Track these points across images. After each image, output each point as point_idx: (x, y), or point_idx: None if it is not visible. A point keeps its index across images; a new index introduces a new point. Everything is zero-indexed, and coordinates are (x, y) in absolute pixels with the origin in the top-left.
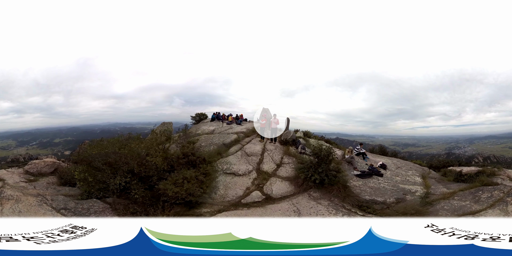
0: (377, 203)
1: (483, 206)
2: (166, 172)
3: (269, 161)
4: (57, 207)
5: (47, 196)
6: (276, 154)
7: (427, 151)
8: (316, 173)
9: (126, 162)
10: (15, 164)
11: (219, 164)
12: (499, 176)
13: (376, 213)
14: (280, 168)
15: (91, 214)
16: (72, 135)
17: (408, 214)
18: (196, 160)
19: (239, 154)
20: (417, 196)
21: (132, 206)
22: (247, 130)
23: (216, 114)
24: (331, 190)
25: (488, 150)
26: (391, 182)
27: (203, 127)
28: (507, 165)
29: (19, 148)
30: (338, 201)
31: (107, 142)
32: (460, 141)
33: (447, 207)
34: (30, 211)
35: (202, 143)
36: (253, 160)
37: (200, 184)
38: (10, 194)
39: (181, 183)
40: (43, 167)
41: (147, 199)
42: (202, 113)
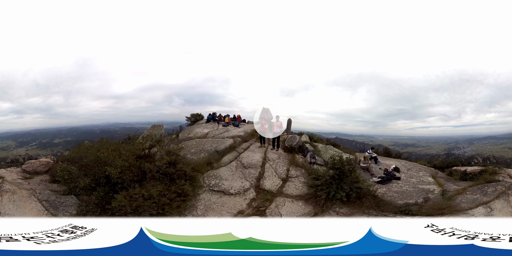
0: (411, 205)
1: (491, 198)
2: (134, 182)
3: (272, 175)
4: (41, 199)
5: (37, 190)
6: (280, 165)
7: (426, 151)
8: (340, 190)
9: (92, 166)
10: (14, 164)
11: (206, 178)
12: (500, 174)
13: (420, 213)
14: (288, 183)
15: (62, 207)
16: (72, 136)
17: (442, 210)
18: (174, 174)
19: (233, 166)
20: (436, 194)
21: (90, 206)
22: (245, 133)
23: (212, 115)
24: (361, 203)
25: (487, 151)
26: (410, 184)
27: (196, 129)
28: (507, 166)
29: (19, 148)
30: (376, 212)
31: (84, 147)
32: (460, 141)
33: (464, 200)
34: (21, 201)
35: (191, 149)
36: (251, 174)
37: (169, 202)
38: (8, 188)
39: (136, 198)
40: (38, 166)
41: (104, 202)
42: (198, 114)
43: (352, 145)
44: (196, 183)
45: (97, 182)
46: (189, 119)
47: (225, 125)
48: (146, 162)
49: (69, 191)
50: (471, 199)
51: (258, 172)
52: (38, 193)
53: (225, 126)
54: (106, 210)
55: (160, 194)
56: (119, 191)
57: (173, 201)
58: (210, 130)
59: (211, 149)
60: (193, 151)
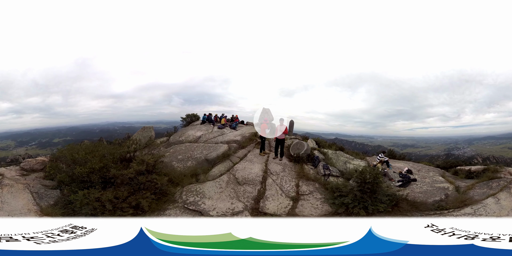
0: (438, 202)
1: (496, 191)
2: (106, 184)
3: (277, 194)
4: (32, 191)
5: (30, 184)
6: (286, 179)
7: (426, 152)
8: (378, 202)
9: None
10: (14, 164)
11: (185, 192)
12: (501, 172)
13: (450, 207)
14: (301, 203)
15: (45, 198)
16: (71, 135)
17: (465, 202)
18: (142, 184)
19: (223, 181)
20: (451, 190)
21: (63, 199)
22: (242, 138)
23: (207, 115)
24: (398, 208)
25: (487, 151)
26: (427, 184)
27: (189, 131)
28: (507, 165)
29: (18, 148)
30: (420, 213)
31: (67, 148)
32: (459, 142)
33: (476, 194)
34: (17, 192)
35: (179, 155)
36: (246, 193)
37: (121, 212)
38: (7, 182)
39: (90, 198)
40: (34, 164)
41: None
42: (194, 114)
43: (352, 146)
44: (168, 197)
45: (71, 179)
46: (184, 120)
47: (221, 127)
48: (121, 167)
49: (57, 186)
50: (481, 193)
51: (256, 190)
52: (31, 186)
53: (220, 128)
54: (71, 204)
55: (112, 202)
56: (89, 189)
57: (124, 211)
58: (204, 133)
59: (200, 156)
60: (180, 157)
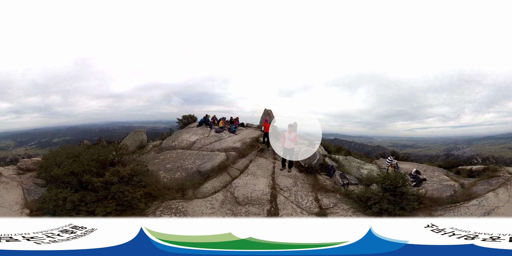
0: (450, 197)
1: (495, 187)
2: (79, 186)
3: (296, 213)
4: (24, 188)
5: (24, 182)
6: (301, 194)
7: (425, 152)
8: (408, 201)
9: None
10: (13, 163)
11: (161, 209)
12: (500, 171)
13: (460, 200)
14: (332, 217)
15: (32, 194)
16: (71, 135)
17: (470, 196)
18: (111, 194)
19: (217, 199)
20: (457, 187)
21: (44, 196)
22: (242, 144)
23: (205, 117)
24: (423, 205)
25: (486, 151)
26: (436, 183)
27: (184, 135)
28: (506, 165)
29: (18, 148)
30: (441, 208)
31: (51, 152)
32: (459, 142)
33: (478, 190)
34: (11, 189)
35: (168, 163)
36: (250, 215)
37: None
38: (3, 180)
39: (58, 197)
40: (30, 164)
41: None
42: (190, 116)
43: (351, 146)
44: (134, 211)
45: (54, 179)
46: (180, 122)
47: (219, 131)
48: (103, 172)
49: (45, 184)
50: (482, 189)
51: (265, 210)
52: (24, 184)
53: (218, 132)
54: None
55: (73, 203)
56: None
57: (78, 214)
58: (199, 137)
59: (192, 167)
60: (169, 167)
